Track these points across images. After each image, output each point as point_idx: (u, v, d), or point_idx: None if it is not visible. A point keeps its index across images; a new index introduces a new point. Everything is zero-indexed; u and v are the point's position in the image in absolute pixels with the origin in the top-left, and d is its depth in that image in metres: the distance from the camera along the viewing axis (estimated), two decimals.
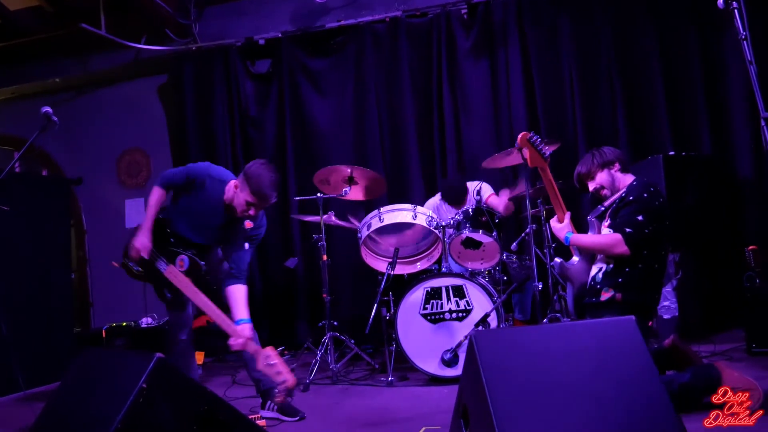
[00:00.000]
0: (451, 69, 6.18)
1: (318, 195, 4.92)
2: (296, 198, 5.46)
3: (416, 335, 4.44)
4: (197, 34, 6.87)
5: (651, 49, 5.72)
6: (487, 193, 5.26)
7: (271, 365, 3.15)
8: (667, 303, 4.94)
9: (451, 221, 4.69)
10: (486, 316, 4.28)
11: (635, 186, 3.35)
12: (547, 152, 3.47)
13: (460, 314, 4.44)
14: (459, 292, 4.46)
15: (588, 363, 2.10)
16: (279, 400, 3.28)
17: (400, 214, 4.69)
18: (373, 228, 4.67)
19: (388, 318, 4.62)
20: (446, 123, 6.16)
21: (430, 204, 5.45)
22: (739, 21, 2.60)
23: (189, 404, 2.39)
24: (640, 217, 3.20)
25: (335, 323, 4.97)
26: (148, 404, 2.26)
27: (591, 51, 5.88)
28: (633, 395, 2.03)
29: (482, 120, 6.14)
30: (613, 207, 3.38)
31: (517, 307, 5.22)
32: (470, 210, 4.68)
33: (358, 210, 5.71)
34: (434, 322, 4.46)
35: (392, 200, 5.72)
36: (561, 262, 3.56)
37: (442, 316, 4.46)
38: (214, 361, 6.05)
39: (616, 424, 1.99)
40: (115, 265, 4.13)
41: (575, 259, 3.51)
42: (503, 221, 4.79)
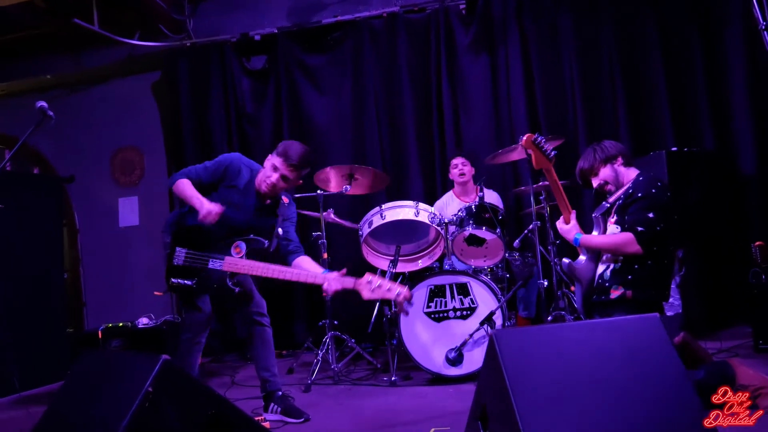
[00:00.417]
0: (450, 65, 6.12)
1: (318, 192, 4.84)
2: (296, 195, 5.37)
3: (420, 334, 4.37)
4: (191, 30, 6.78)
5: (652, 45, 5.67)
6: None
7: (379, 287, 3.09)
8: (670, 300, 4.90)
9: (454, 218, 4.62)
10: (491, 314, 4.22)
11: (642, 181, 3.27)
12: (552, 153, 3.39)
13: (465, 312, 4.37)
14: (463, 289, 4.39)
15: (613, 361, 2.05)
16: (400, 310, 3.47)
17: (402, 211, 4.62)
18: (375, 225, 4.60)
19: (391, 317, 4.56)
20: (445, 119, 6.10)
21: (439, 203, 5.40)
22: (758, 11, 2.53)
23: (196, 408, 2.31)
24: (650, 214, 3.14)
25: (335, 322, 4.90)
26: (154, 408, 2.18)
27: (592, 47, 5.82)
28: (661, 393, 1.99)
29: (482, 116, 6.08)
30: (619, 203, 3.31)
31: (521, 303, 5.17)
32: (473, 207, 4.62)
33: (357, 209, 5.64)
34: (438, 320, 4.39)
35: (391, 198, 5.65)
36: (569, 262, 3.49)
37: (446, 315, 4.39)
38: (211, 362, 5.97)
39: (643, 422, 1.94)
40: (159, 294, 3.94)
41: (582, 258, 3.44)
42: (506, 218, 4.73)
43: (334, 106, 6.47)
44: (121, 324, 4.75)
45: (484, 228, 4.54)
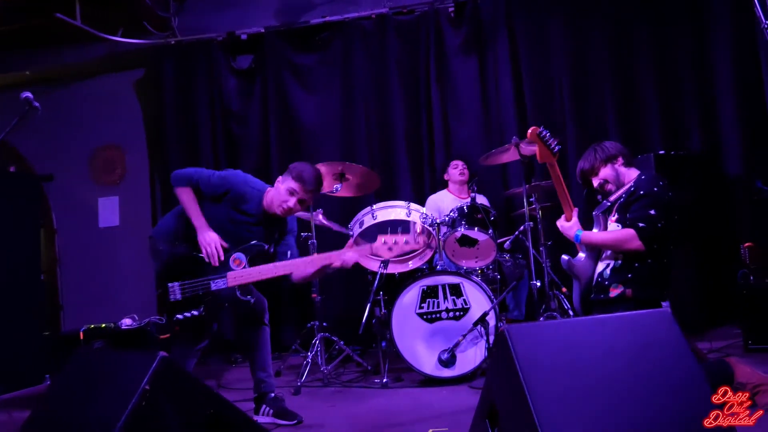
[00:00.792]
0: (439, 66, 6.10)
1: None
2: None
3: (412, 335, 4.31)
4: (177, 28, 6.66)
5: (641, 49, 5.70)
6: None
7: (396, 244, 3.14)
8: None
9: (446, 218, 4.58)
10: (485, 315, 4.17)
11: (644, 180, 3.26)
12: (557, 148, 3.36)
13: (457, 313, 4.32)
14: (456, 290, 4.34)
15: (627, 356, 2.01)
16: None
17: (393, 211, 4.58)
18: (366, 225, 4.54)
19: (383, 318, 4.49)
20: (434, 120, 6.08)
21: (432, 200, 5.35)
22: (760, 10, 2.52)
23: (195, 407, 2.23)
24: (652, 211, 3.11)
25: (324, 324, 4.82)
26: (151, 407, 2.09)
27: (581, 49, 5.84)
28: (676, 387, 1.96)
29: (471, 117, 6.07)
30: (620, 201, 3.28)
31: (510, 304, 5.13)
32: (465, 207, 4.58)
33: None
34: (430, 321, 4.33)
35: (380, 198, 5.59)
36: (568, 259, 3.45)
37: (438, 316, 4.33)
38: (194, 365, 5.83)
39: (659, 416, 1.90)
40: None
41: (581, 255, 3.41)
42: (498, 219, 4.70)
43: (322, 106, 6.41)
44: (103, 325, 4.61)
45: (476, 228, 4.50)
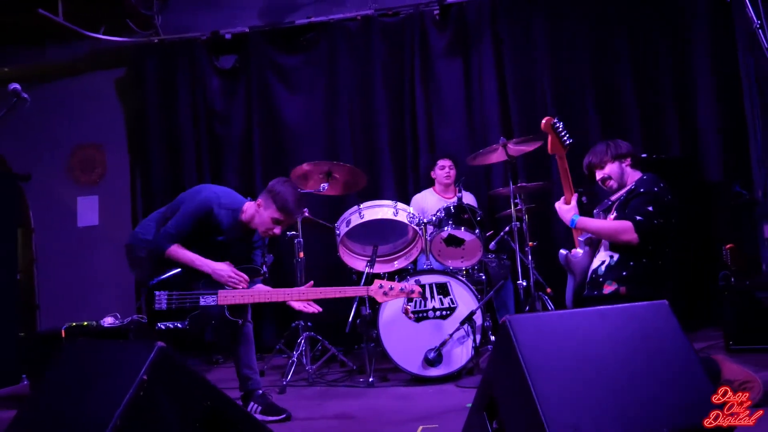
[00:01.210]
0: (424, 68, 6.13)
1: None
2: None
3: (399, 334, 4.31)
4: (160, 27, 6.61)
5: (623, 54, 5.78)
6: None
7: (392, 289, 3.31)
8: None
9: (433, 218, 4.59)
10: (472, 314, 4.20)
11: (645, 180, 3.31)
12: (568, 141, 3.39)
13: (444, 312, 4.34)
14: (443, 289, 4.36)
15: (627, 347, 2.05)
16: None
17: (381, 210, 4.58)
18: (353, 224, 4.54)
19: (368, 317, 4.48)
20: (419, 122, 6.10)
21: (418, 198, 5.36)
22: (752, 11, 2.58)
23: (193, 399, 2.20)
24: (650, 208, 3.16)
25: (309, 324, 4.80)
26: (148, 398, 2.06)
27: (564, 53, 5.91)
28: (674, 377, 2.00)
29: (455, 119, 6.11)
30: (621, 200, 3.32)
31: (499, 310, 5.16)
32: (452, 207, 4.60)
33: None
34: (417, 320, 4.34)
35: (363, 199, 5.58)
36: (566, 254, 3.49)
37: (425, 314, 4.35)
38: None
39: (659, 405, 1.94)
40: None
41: (579, 251, 3.43)
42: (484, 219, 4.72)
43: (306, 106, 6.41)
44: (85, 323, 4.55)
45: (462, 228, 4.52)
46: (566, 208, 3.44)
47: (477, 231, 4.52)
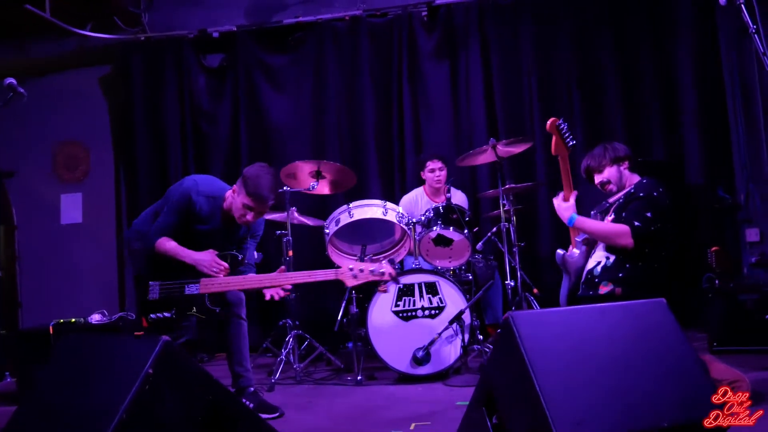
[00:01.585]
0: (411, 70, 6.16)
1: (285, 188, 4.75)
2: None
3: (387, 333, 4.34)
4: (147, 24, 6.57)
5: (608, 57, 5.85)
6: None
7: (361, 271, 3.17)
8: None
9: (422, 218, 4.63)
10: (461, 313, 4.23)
11: (645, 184, 3.35)
12: (571, 142, 3.42)
13: (433, 311, 4.37)
14: (432, 289, 4.39)
15: (627, 343, 2.10)
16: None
17: (370, 209, 4.61)
18: (343, 223, 4.56)
19: (355, 316, 4.52)
20: (406, 123, 6.13)
21: (407, 199, 5.39)
22: (747, 16, 2.64)
23: (196, 394, 2.21)
24: (648, 213, 3.20)
25: (297, 323, 4.81)
26: (153, 392, 2.07)
27: (551, 57, 5.97)
28: (673, 373, 2.05)
29: (442, 121, 6.14)
30: (619, 202, 3.36)
31: (486, 311, 5.20)
32: (441, 207, 4.64)
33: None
34: (406, 319, 4.37)
35: (349, 199, 5.60)
36: (563, 254, 3.52)
37: (414, 314, 4.38)
38: None
39: (659, 401, 1.98)
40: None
41: (576, 251, 3.46)
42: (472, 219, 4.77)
43: (294, 106, 6.40)
44: (73, 320, 4.51)
45: (451, 228, 4.55)
46: (565, 205, 3.46)
47: (465, 231, 4.56)
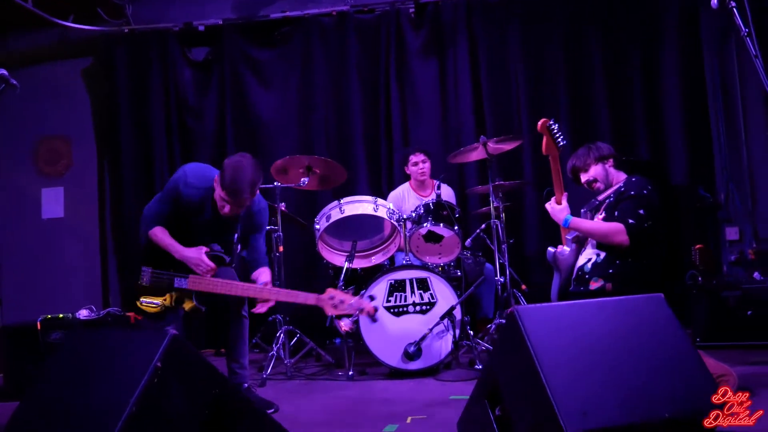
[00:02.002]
0: (399, 66, 6.17)
1: (276, 184, 4.75)
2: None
3: (379, 328, 4.35)
4: (131, 16, 6.50)
5: (595, 58, 5.92)
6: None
7: (342, 302, 3.17)
8: None
9: (412, 215, 4.65)
10: (452, 309, 4.27)
11: (635, 182, 3.38)
12: (562, 142, 3.45)
13: (424, 307, 4.40)
14: (423, 284, 4.42)
15: (627, 336, 2.15)
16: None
17: (361, 205, 4.63)
18: (334, 219, 4.57)
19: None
20: (393, 119, 6.14)
21: (394, 195, 5.40)
22: (739, 19, 2.70)
23: (202, 387, 2.21)
24: (641, 211, 3.25)
25: (287, 318, 4.81)
26: (161, 386, 2.07)
27: (538, 56, 6.03)
28: (674, 365, 2.10)
29: (430, 117, 6.16)
30: (609, 200, 3.39)
31: (477, 306, 5.24)
32: (431, 204, 4.66)
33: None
34: (397, 315, 4.40)
35: (336, 196, 5.61)
36: (554, 252, 3.56)
37: (405, 309, 4.40)
38: None
39: (661, 392, 2.04)
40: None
41: (566, 249, 3.51)
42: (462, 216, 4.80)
43: (280, 101, 6.39)
44: (61, 315, 4.47)
45: (441, 225, 4.58)
46: (559, 208, 3.49)
47: (456, 228, 4.59)
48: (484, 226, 4.97)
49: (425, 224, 4.58)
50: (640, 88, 5.86)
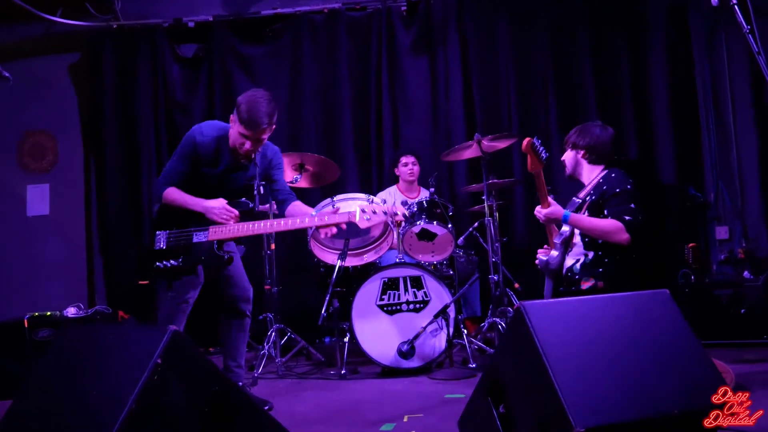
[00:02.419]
0: (390, 64, 6.15)
1: None
2: None
3: (372, 327, 4.34)
4: (120, 11, 6.40)
5: (584, 57, 5.94)
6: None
7: (375, 213, 3.14)
8: None
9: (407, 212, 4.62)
10: (446, 307, 4.25)
11: (614, 177, 3.34)
12: (545, 156, 3.41)
13: (418, 305, 4.39)
14: (417, 283, 4.41)
15: (634, 331, 2.15)
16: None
17: (354, 203, 4.54)
18: None
19: (340, 311, 4.50)
20: (384, 117, 6.12)
21: (381, 196, 5.37)
22: (741, 16, 2.70)
23: (202, 384, 2.17)
24: (632, 205, 3.24)
25: (278, 316, 4.78)
26: (161, 383, 2.02)
27: (528, 54, 6.03)
28: (680, 360, 2.11)
29: (420, 116, 6.15)
30: (591, 198, 3.35)
31: (466, 305, 5.23)
32: (424, 202, 4.65)
33: None
34: (391, 313, 4.38)
35: (326, 194, 5.58)
36: (546, 260, 3.48)
37: (399, 307, 4.39)
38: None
39: (669, 387, 2.03)
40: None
41: (554, 253, 3.44)
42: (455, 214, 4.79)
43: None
44: (48, 313, 4.41)
45: (435, 223, 4.57)
46: (553, 207, 3.41)
47: (449, 226, 4.58)
48: (477, 224, 4.96)
49: (419, 222, 4.57)
50: (630, 87, 5.88)
